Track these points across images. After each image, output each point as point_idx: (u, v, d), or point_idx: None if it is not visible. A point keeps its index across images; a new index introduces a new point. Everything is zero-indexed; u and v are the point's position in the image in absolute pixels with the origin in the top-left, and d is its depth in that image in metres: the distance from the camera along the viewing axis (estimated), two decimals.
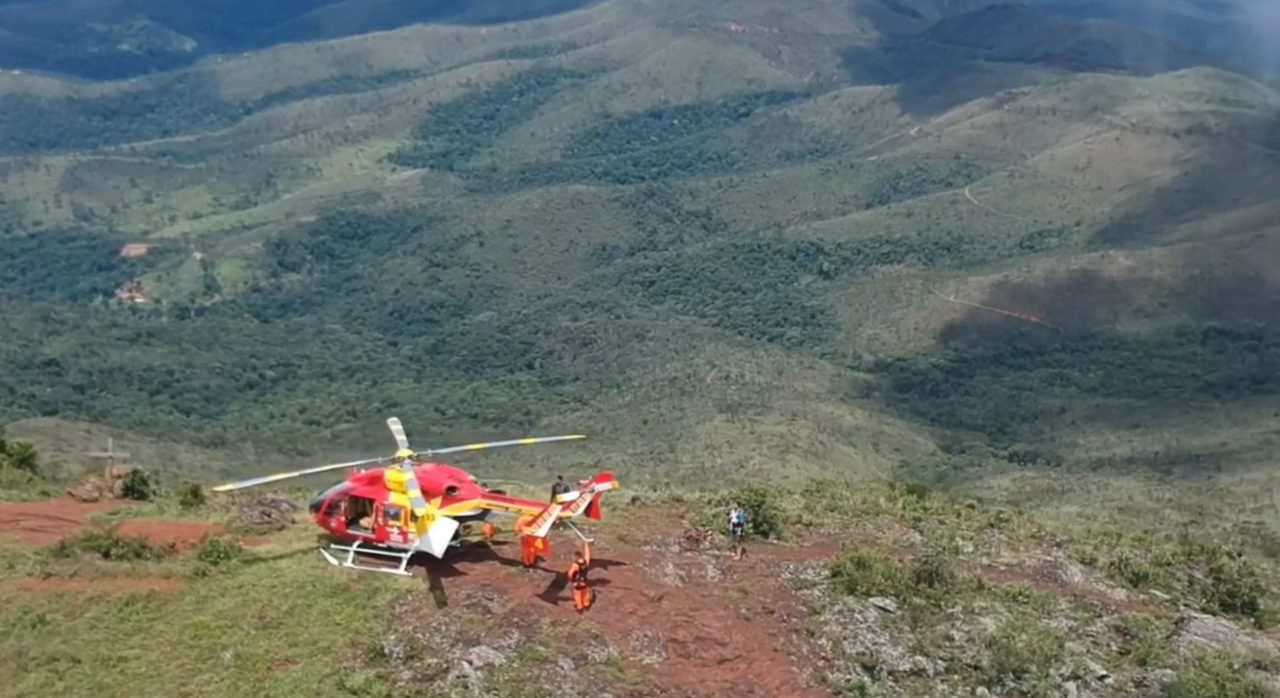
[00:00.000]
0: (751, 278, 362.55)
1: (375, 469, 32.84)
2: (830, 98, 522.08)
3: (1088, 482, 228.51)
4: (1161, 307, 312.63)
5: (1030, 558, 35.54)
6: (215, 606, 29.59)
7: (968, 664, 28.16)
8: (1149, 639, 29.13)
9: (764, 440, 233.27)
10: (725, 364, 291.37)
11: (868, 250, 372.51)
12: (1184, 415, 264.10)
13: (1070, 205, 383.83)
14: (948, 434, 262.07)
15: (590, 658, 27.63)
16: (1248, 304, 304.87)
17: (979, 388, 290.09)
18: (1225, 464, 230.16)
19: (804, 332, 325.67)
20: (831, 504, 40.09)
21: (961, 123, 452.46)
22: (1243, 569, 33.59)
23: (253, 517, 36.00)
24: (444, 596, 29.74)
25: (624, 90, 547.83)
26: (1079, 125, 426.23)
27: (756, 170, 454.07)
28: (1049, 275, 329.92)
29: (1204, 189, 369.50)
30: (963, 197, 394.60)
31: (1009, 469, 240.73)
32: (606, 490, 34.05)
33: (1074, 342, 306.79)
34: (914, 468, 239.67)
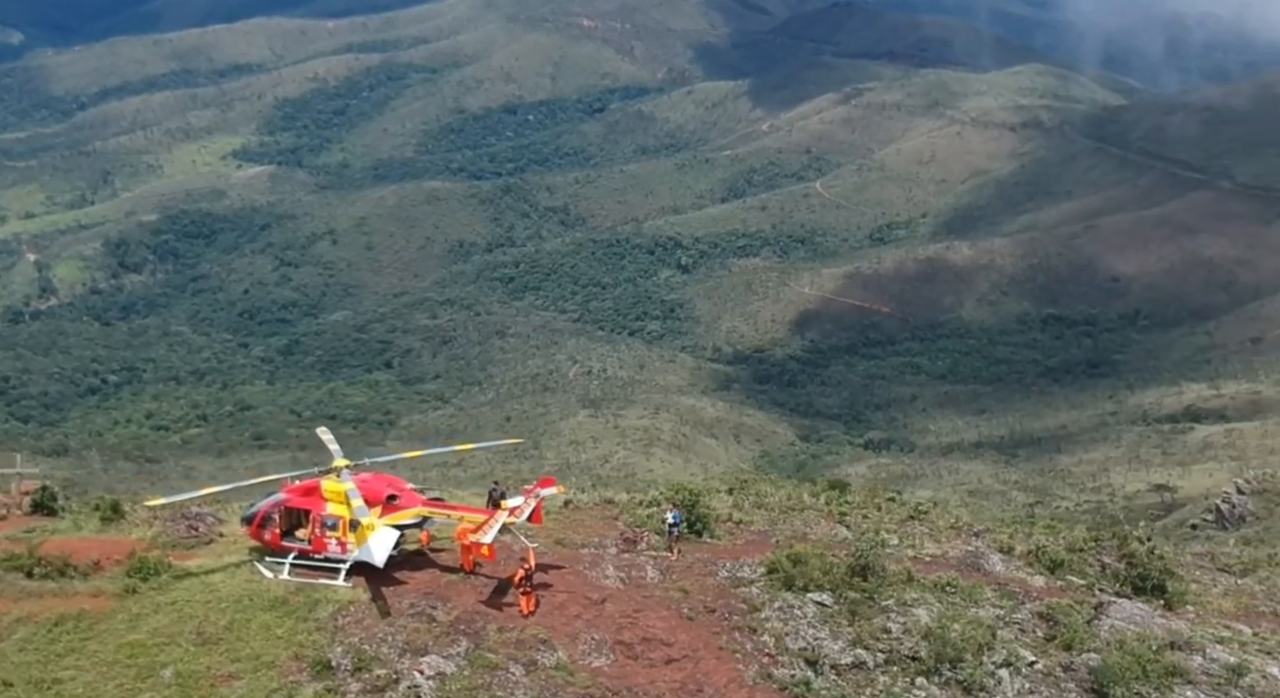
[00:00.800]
0: (611, 273, 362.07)
1: (310, 480, 32.03)
2: (684, 93, 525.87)
3: (939, 466, 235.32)
4: (1003, 295, 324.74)
5: (952, 549, 36.23)
6: (150, 623, 28.75)
7: (906, 655, 28.81)
8: (1072, 625, 29.99)
9: (628, 435, 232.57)
10: (587, 359, 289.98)
11: (724, 244, 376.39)
12: (1026, 400, 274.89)
13: (916, 198, 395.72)
14: (806, 424, 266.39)
15: (540, 663, 27.63)
16: (1082, 291, 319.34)
17: (834, 378, 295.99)
18: (1065, 446, 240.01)
19: (664, 325, 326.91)
20: (758, 502, 40.29)
21: (811, 118, 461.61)
22: (1152, 553, 34.35)
23: (178, 531, 34.67)
24: (387, 605, 29.33)
25: (477, 86, 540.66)
26: (922, 120, 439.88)
27: (613, 165, 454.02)
28: (898, 266, 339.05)
29: (1039, 181, 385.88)
30: (814, 190, 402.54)
31: (865, 457, 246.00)
32: (551, 496, 33.50)
33: (923, 330, 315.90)
34: (774, 458, 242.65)
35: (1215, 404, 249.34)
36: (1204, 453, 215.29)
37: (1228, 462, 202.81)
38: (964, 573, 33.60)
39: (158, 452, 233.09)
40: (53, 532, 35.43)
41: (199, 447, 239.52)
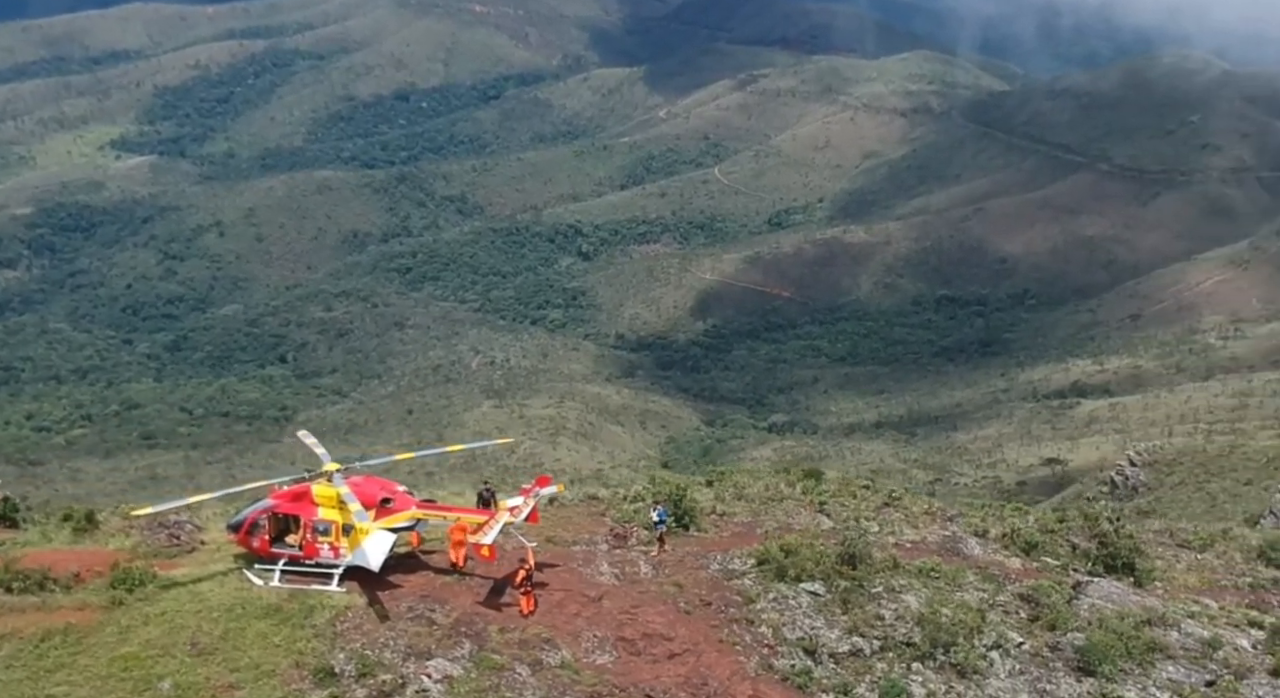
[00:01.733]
0: (511, 261, 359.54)
1: (300, 485, 31.54)
2: (580, 80, 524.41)
3: (842, 447, 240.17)
4: (899, 277, 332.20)
5: (930, 534, 36.81)
6: (141, 635, 28.07)
7: (901, 641, 29.32)
8: (1054, 605, 30.68)
9: (534, 424, 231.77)
10: (489, 349, 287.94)
11: (625, 231, 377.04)
12: (922, 379, 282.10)
13: (813, 183, 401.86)
14: (710, 408, 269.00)
15: (545, 663, 27.70)
16: (973, 272, 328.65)
17: (737, 362, 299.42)
18: (961, 423, 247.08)
19: (566, 313, 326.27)
20: (738, 493, 40.63)
21: (708, 104, 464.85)
22: (1122, 533, 35.32)
23: (159, 540, 33.80)
24: (385, 610, 29.07)
25: (367, 72, 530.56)
26: (817, 106, 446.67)
27: (510, 153, 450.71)
28: (797, 250, 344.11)
29: (929, 165, 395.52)
30: (713, 176, 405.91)
31: (769, 440, 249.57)
32: (551, 494, 33.47)
33: (822, 314, 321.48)
34: (680, 444, 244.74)
35: (1099, 379, 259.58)
36: (1090, 427, 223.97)
37: (1112, 435, 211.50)
38: (944, 558, 34.38)
39: (41, 454, 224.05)
40: (24, 544, 34.41)
41: (84, 448, 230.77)
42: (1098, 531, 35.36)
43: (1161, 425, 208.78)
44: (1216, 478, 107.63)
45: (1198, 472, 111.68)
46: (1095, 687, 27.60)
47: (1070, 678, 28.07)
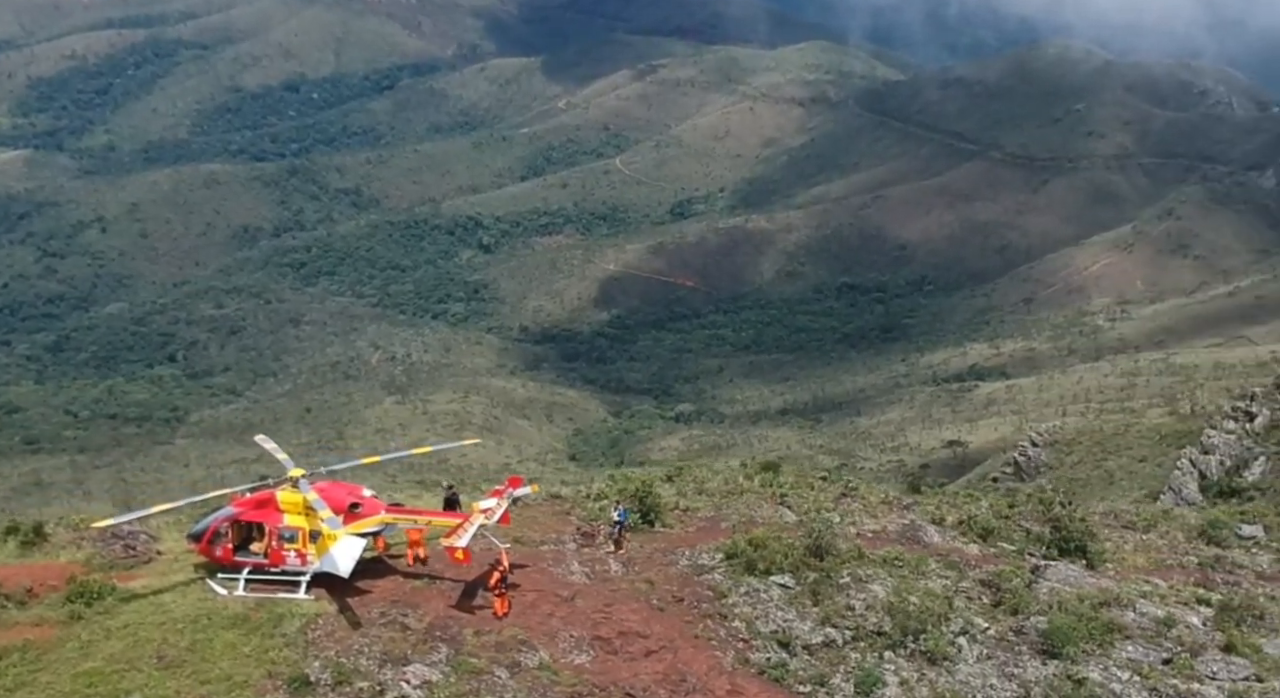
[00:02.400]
0: (410, 255, 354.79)
1: (263, 492, 31.10)
2: (477, 70, 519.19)
3: (749, 435, 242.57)
4: (801, 266, 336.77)
5: (890, 523, 37.33)
6: (104, 649, 27.31)
7: (872, 631, 29.71)
8: (1015, 590, 31.32)
9: (438, 420, 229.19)
10: (389, 345, 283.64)
11: (526, 222, 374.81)
12: (826, 366, 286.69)
13: (714, 173, 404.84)
14: (617, 400, 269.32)
15: (523, 665, 27.53)
16: (873, 260, 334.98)
17: (643, 352, 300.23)
18: (864, 408, 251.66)
19: (468, 307, 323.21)
20: (699, 488, 40.82)
21: (608, 94, 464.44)
22: (1074, 516, 36.16)
23: (114, 551, 32.88)
24: (356, 616, 28.62)
25: (254, 62, 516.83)
26: (716, 96, 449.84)
27: (406, 145, 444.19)
28: (700, 240, 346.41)
29: (828, 154, 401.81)
30: (614, 166, 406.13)
31: (677, 430, 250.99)
32: (527, 495, 33.23)
33: (726, 303, 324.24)
34: (587, 436, 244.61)
35: (996, 362, 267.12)
36: (989, 408, 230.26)
37: (1010, 416, 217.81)
38: (906, 546, 34.90)
39: None
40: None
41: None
42: (1051, 514, 36.22)
43: (1056, 406, 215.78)
44: (1113, 456, 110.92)
45: (1095, 451, 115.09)
46: (1060, 669, 28.21)
47: (1036, 661, 28.70)
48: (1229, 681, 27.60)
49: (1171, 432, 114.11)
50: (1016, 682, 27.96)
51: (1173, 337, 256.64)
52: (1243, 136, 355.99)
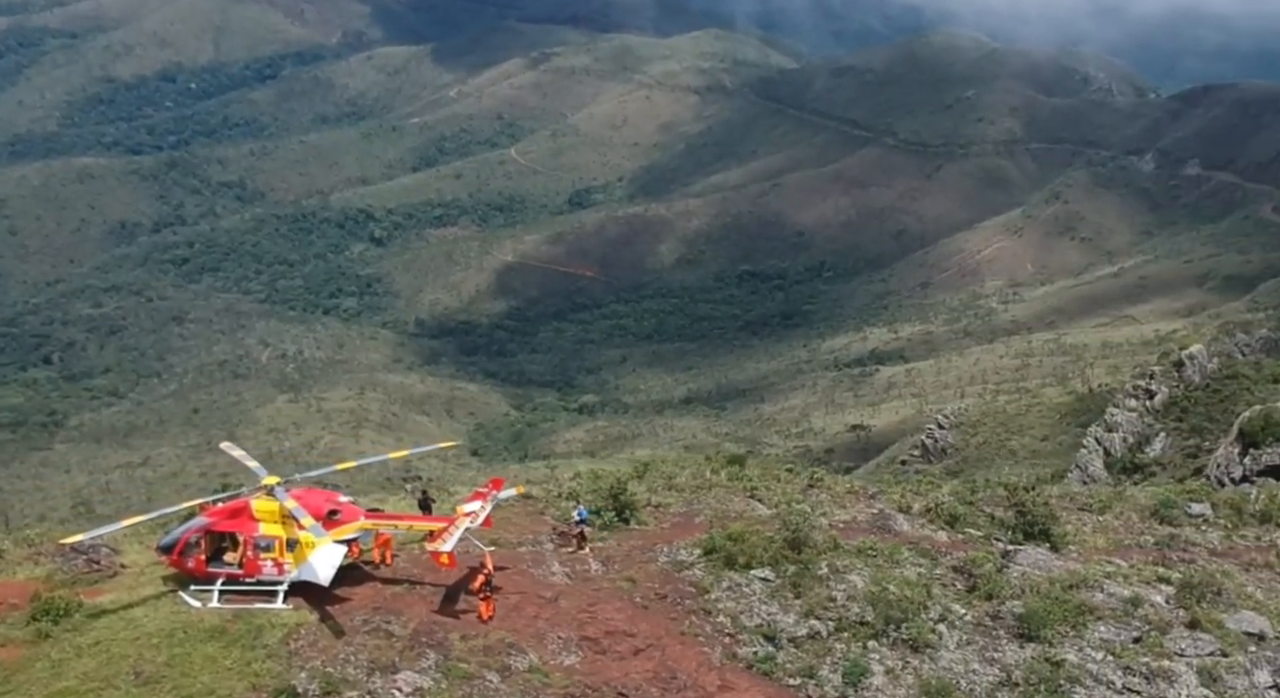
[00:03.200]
0: (298, 249, 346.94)
1: (236, 501, 30.45)
2: (364, 58, 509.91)
3: (654, 425, 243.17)
4: (701, 254, 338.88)
5: (859, 513, 37.63)
6: (76, 668, 26.42)
7: (855, 621, 30.01)
8: (988, 576, 31.71)
9: (333, 418, 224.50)
10: (280, 342, 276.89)
11: (420, 214, 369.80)
12: (729, 354, 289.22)
13: (611, 161, 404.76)
14: (519, 392, 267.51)
15: (514, 668, 27.32)
16: (772, 247, 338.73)
17: (543, 344, 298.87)
18: (768, 395, 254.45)
19: (361, 301, 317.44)
20: (668, 483, 40.73)
21: (501, 83, 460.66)
22: (1037, 501, 36.78)
23: (76, 566, 31.72)
24: (339, 625, 28.02)
25: (127, 52, 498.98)
26: (612, 84, 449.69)
27: (291, 136, 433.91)
28: (599, 230, 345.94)
29: (726, 142, 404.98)
30: (510, 156, 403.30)
31: (581, 421, 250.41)
32: (511, 498, 33.01)
33: (627, 292, 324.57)
34: (489, 430, 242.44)
35: (895, 346, 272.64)
36: (889, 392, 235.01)
37: (910, 398, 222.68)
38: (877, 535, 35.11)
39: None
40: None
41: None
42: (1016, 499, 36.66)
43: (954, 387, 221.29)
44: (1016, 436, 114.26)
45: (999, 431, 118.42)
46: (1039, 651, 28.77)
47: (1014, 645, 29.21)
48: (1196, 656, 28.44)
49: (1070, 410, 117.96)
50: (998, 666, 28.49)
51: (1062, 317, 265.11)
52: (1123, 122, 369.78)
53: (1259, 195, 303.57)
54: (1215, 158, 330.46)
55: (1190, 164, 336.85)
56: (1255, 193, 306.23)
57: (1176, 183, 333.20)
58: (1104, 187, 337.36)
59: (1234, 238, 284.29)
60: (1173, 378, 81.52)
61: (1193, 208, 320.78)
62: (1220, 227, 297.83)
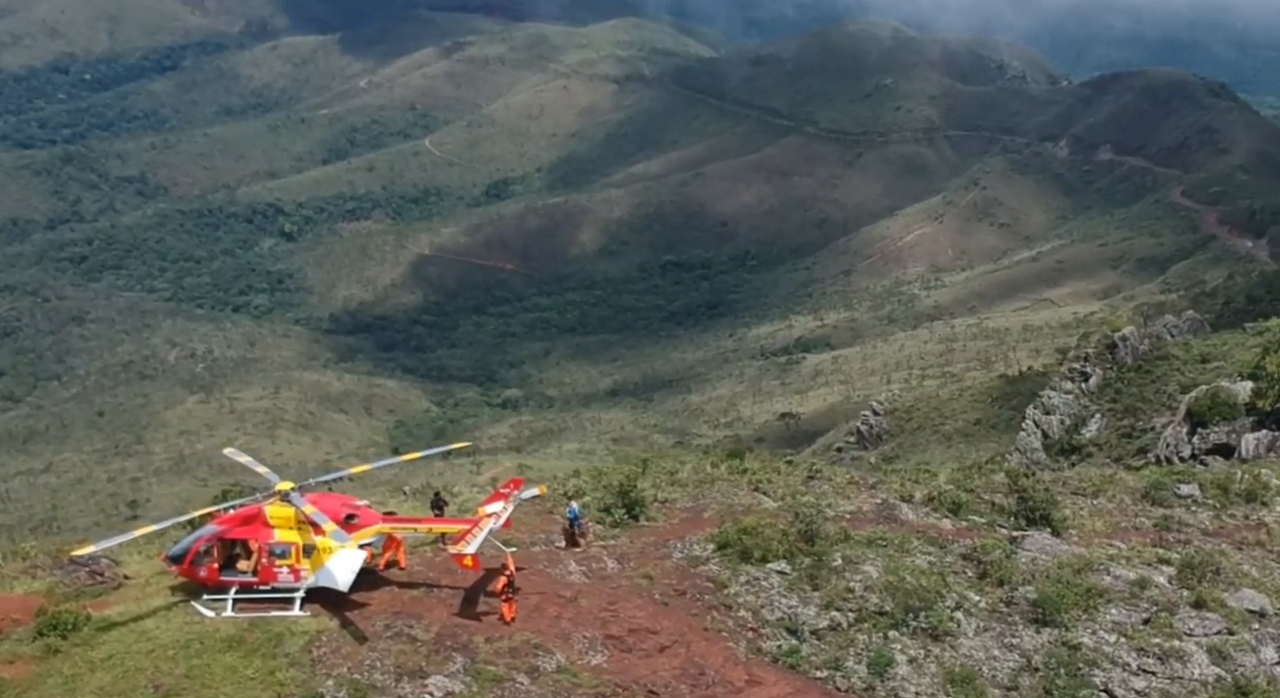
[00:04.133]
0: (205, 245, 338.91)
1: (248, 508, 29.96)
2: (269, 48, 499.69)
3: (581, 418, 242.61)
4: (623, 245, 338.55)
5: (864, 504, 37.96)
6: (91, 683, 25.88)
7: (874, 611, 30.22)
8: (997, 562, 32.20)
9: (247, 418, 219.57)
10: (188, 341, 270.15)
11: (331, 208, 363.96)
12: (654, 345, 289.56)
13: (529, 152, 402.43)
14: (440, 388, 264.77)
15: (542, 669, 27.24)
16: (696, 237, 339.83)
17: (464, 339, 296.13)
18: (695, 385, 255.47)
19: (273, 298, 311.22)
20: (671, 478, 40.79)
21: (413, 73, 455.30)
22: (1038, 486, 37.51)
23: (78, 579, 31.21)
24: (360, 630, 27.74)
25: (14, 42, 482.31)
26: (528, 74, 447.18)
27: (194, 128, 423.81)
28: (519, 222, 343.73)
29: (646, 132, 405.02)
30: (424, 148, 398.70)
31: (505, 416, 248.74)
32: (534, 498, 33.21)
33: (549, 285, 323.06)
34: (410, 427, 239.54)
35: (820, 334, 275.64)
36: (816, 379, 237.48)
37: (837, 386, 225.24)
38: (885, 525, 35.38)
39: None
40: None
41: None
42: (1018, 486, 37.29)
43: (880, 374, 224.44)
44: (950, 420, 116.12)
45: (932, 416, 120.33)
46: (1055, 636, 29.27)
47: (1030, 630, 29.68)
48: (1205, 636, 29.14)
49: (1001, 394, 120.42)
50: (1017, 652, 28.94)
51: (983, 302, 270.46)
52: (1038, 109, 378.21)
53: (1168, 180, 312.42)
54: (1127, 143, 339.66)
55: (1103, 150, 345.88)
56: (1165, 177, 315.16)
57: (1090, 168, 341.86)
58: (1020, 172, 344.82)
59: (1146, 221, 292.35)
60: (1106, 360, 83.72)
61: (1106, 192, 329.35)
62: (1133, 210, 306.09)
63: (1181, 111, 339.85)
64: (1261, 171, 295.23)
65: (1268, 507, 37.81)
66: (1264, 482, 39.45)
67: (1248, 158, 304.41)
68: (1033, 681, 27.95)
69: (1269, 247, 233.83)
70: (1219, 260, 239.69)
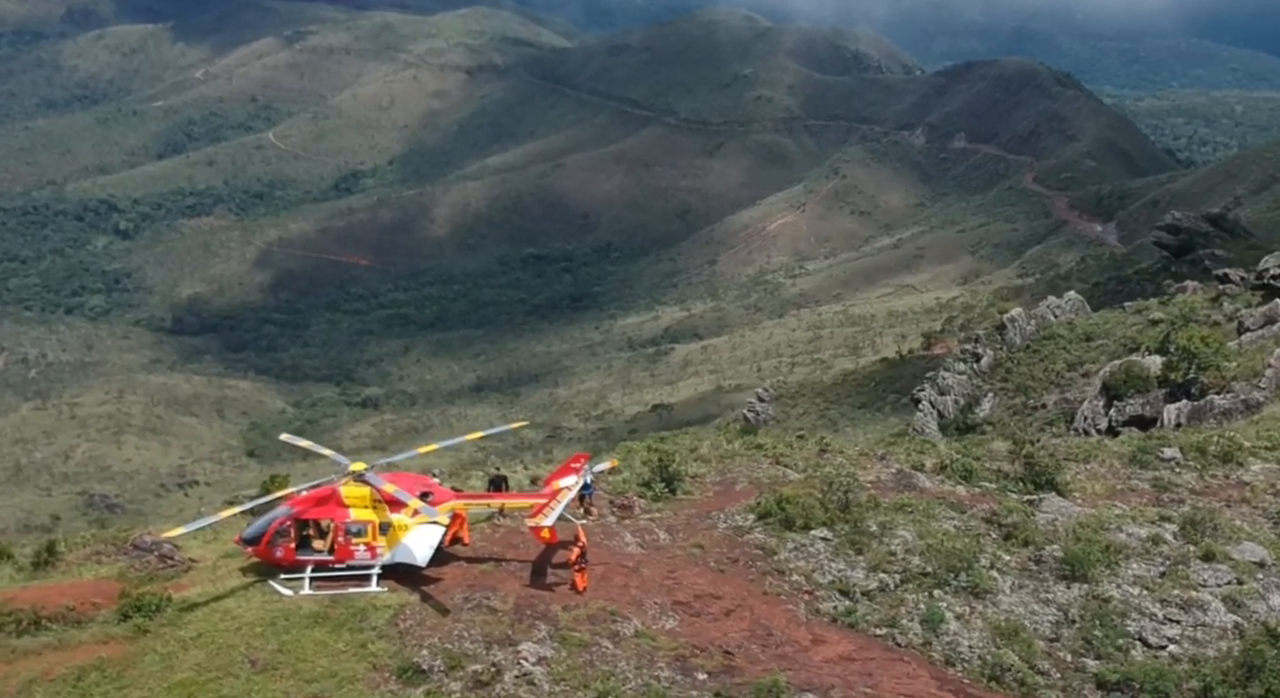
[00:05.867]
0: (31, 244, 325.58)
1: (321, 489, 31.41)
2: (94, 37, 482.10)
3: (447, 415, 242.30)
4: (482, 238, 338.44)
5: (880, 473, 40.00)
6: (187, 660, 27.07)
7: (918, 572, 32.29)
8: (1019, 524, 34.77)
9: (89, 424, 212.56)
10: (18, 345, 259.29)
11: (170, 204, 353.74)
12: (519, 339, 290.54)
13: (380, 145, 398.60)
14: (295, 388, 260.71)
15: (622, 634, 28.62)
16: (557, 229, 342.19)
17: (319, 337, 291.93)
18: (562, 378, 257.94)
19: (110, 299, 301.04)
20: (693, 454, 42.56)
21: (252, 64, 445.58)
22: (1043, 452, 40.55)
23: (149, 563, 32.59)
24: (441, 603, 29.22)
25: None
26: (375, 64, 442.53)
27: (14, 121, 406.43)
28: (372, 216, 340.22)
29: (502, 123, 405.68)
30: (268, 140, 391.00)
31: (366, 415, 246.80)
32: (604, 471, 35.42)
33: (406, 280, 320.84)
34: (265, 429, 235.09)
35: (688, 324, 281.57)
36: (686, 369, 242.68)
37: (707, 375, 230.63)
38: (906, 493, 37.58)
39: None
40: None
41: None
42: (1025, 452, 40.20)
43: (750, 362, 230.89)
44: (835, 405, 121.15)
45: (818, 401, 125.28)
46: (1085, 590, 31.79)
47: (1061, 586, 32.16)
48: (1217, 586, 32.14)
49: (885, 378, 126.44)
50: (1054, 606, 31.42)
51: (847, 289, 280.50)
52: (894, 98, 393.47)
53: (1020, 166, 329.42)
54: (980, 131, 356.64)
55: (957, 138, 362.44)
56: (1017, 164, 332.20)
57: (946, 156, 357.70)
58: (879, 161, 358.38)
59: (1001, 207, 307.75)
60: (996, 341, 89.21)
61: (961, 179, 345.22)
62: (988, 197, 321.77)
63: (1031, 100, 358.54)
64: (1107, 158, 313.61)
65: (1243, 466, 41.18)
66: (1238, 443, 42.84)
67: (1094, 145, 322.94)
68: (1072, 632, 30.43)
69: (1117, 230, 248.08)
70: (1071, 244, 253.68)
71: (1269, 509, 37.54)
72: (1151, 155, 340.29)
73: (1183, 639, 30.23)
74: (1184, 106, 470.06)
